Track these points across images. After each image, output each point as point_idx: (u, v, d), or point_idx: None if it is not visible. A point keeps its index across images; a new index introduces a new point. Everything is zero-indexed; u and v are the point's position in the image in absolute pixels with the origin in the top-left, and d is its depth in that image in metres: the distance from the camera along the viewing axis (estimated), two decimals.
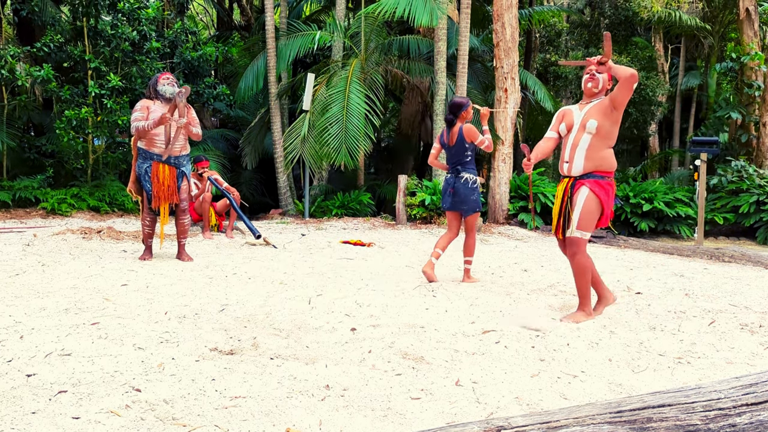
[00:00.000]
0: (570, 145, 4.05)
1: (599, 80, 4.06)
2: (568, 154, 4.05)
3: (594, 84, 4.06)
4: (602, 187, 3.96)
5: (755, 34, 13.50)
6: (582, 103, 4.15)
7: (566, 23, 19.67)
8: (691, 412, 1.62)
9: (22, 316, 3.74)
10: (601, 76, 4.06)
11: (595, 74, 4.06)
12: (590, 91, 4.09)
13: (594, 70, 4.07)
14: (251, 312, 4.06)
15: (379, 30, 12.97)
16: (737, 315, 4.26)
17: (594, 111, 3.99)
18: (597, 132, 3.94)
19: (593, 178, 3.97)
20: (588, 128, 3.95)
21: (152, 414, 2.30)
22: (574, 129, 4.05)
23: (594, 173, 3.98)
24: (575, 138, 4.02)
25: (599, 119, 3.94)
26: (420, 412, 2.42)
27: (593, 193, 3.94)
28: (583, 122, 3.99)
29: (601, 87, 4.07)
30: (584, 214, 3.95)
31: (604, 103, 3.99)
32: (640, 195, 11.74)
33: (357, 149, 11.22)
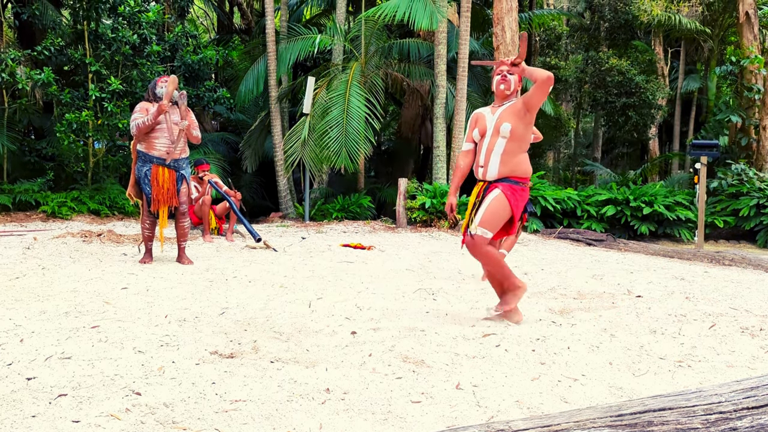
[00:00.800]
0: (485, 150, 3.94)
1: (511, 82, 3.95)
2: (483, 158, 3.94)
3: (506, 86, 3.95)
4: (515, 192, 3.87)
5: (755, 38, 13.52)
6: (494, 106, 4.04)
7: (566, 27, 19.69)
8: (692, 415, 1.62)
9: (22, 319, 3.74)
10: (513, 77, 3.95)
11: (507, 75, 3.94)
12: (502, 93, 3.98)
13: (506, 71, 3.95)
14: (251, 315, 4.05)
15: (379, 33, 12.99)
16: (738, 318, 4.26)
17: (507, 114, 3.90)
18: (511, 136, 3.84)
19: (508, 183, 3.88)
20: (502, 132, 3.85)
21: (152, 417, 2.29)
22: (488, 133, 3.94)
23: (509, 178, 3.89)
24: (490, 142, 3.91)
25: (513, 122, 3.85)
26: (420, 416, 2.42)
27: (504, 195, 3.84)
28: (496, 126, 3.89)
29: (513, 89, 3.96)
30: (490, 211, 3.83)
31: (517, 106, 3.90)
32: (640, 198, 11.74)
33: (357, 152, 11.23)
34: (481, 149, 3.97)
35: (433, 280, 5.84)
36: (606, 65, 15.75)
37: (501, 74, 3.95)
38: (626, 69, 15.62)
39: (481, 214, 3.84)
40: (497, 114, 3.94)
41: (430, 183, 11.98)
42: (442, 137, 11.97)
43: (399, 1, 11.12)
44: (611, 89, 15.78)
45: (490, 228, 3.83)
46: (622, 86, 15.68)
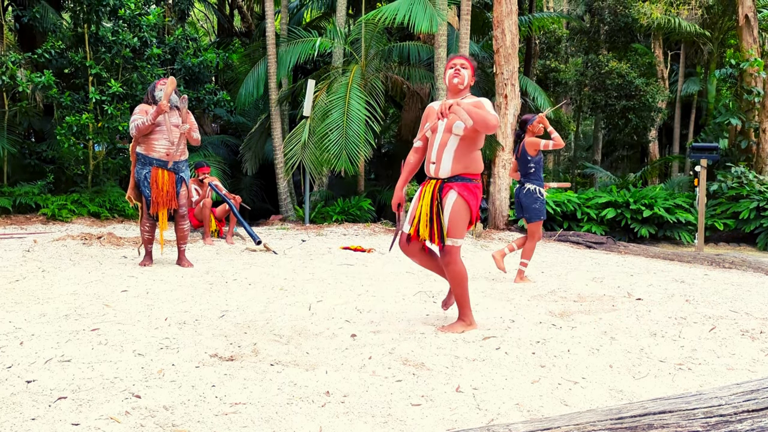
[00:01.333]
0: (437, 146, 3.81)
1: (465, 76, 3.85)
2: (435, 155, 3.81)
3: (460, 80, 3.84)
4: (471, 191, 3.77)
5: (754, 41, 13.53)
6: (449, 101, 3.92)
7: (566, 30, 19.72)
8: (692, 418, 1.62)
9: (22, 322, 3.74)
10: (466, 71, 3.86)
11: (461, 70, 3.84)
12: (455, 88, 3.87)
13: (458, 65, 3.86)
14: (251, 318, 4.05)
15: (379, 36, 13.01)
16: (738, 321, 4.26)
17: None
18: (465, 135, 3.74)
19: (462, 182, 3.76)
20: (455, 130, 3.74)
21: (152, 420, 2.29)
22: (440, 129, 3.83)
23: (462, 176, 3.77)
24: (442, 139, 3.79)
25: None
26: (420, 419, 2.42)
27: (462, 198, 3.73)
28: (449, 123, 3.77)
29: (466, 83, 3.87)
30: (454, 221, 3.71)
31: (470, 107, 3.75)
32: (640, 201, 11.75)
33: (357, 155, 11.24)
34: (432, 145, 3.85)
35: (433, 282, 5.84)
36: (606, 68, 15.77)
37: (454, 68, 3.86)
38: (626, 72, 15.64)
39: (446, 226, 3.71)
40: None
41: None
42: None
43: (399, 4, 11.13)
44: (611, 92, 15.79)
45: (459, 236, 3.73)
46: (621, 89, 15.69)
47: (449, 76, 3.87)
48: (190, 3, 14.01)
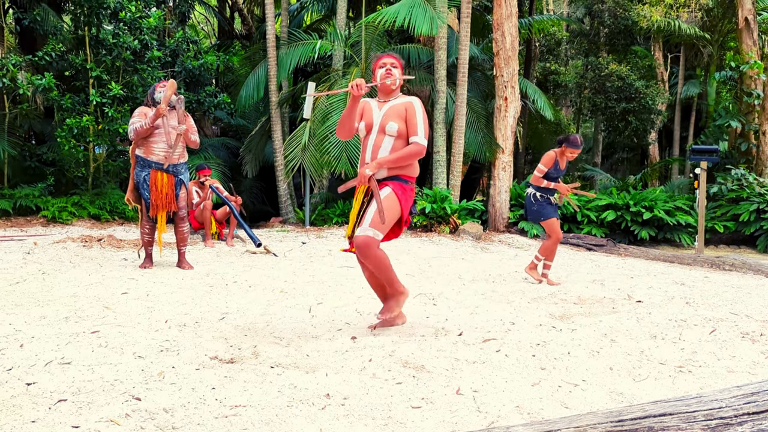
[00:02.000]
0: (371, 147, 3.75)
1: (396, 76, 3.79)
2: (370, 156, 3.74)
3: (393, 80, 3.77)
4: (405, 191, 3.72)
5: (754, 43, 13.54)
6: (379, 101, 3.86)
7: (566, 32, 19.74)
8: (692, 421, 1.62)
9: (22, 324, 3.73)
10: (397, 71, 3.81)
11: (392, 69, 3.78)
12: (387, 88, 3.81)
13: (389, 65, 3.79)
14: (251, 320, 4.05)
15: (379, 39, 13.02)
16: (738, 324, 4.25)
17: (393, 113, 3.73)
18: (398, 135, 3.68)
19: (397, 181, 3.73)
20: (388, 131, 3.68)
21: (152, 423, 2.29)
22: (374, 130, 3.76)
23: (399, 176, 3.73)
24: (376, 140, 3.73)
25: (399, 123, 3.70)
26: (421, 421, 2.42)
27: (395, 194, 3.68)
28: (382, 124, 3.72)
29: (398, 84, 3.81)
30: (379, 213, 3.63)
31: (400, 111, 3.73)
32: (640, 203, 11.74)
33: (357, 157, 11.24)
34: (366, 146, 3.78)
35: (434, 284, 5.84)
36: (606, 70, 15.78)
37: (384, 67, 3.79)
38: (626, 74, 15.65)
39: (371, 214, 3.63)
40: (383, 111, 3.78)
41: (430, 188, 12.00)
42: (442, 142, 11.99)
43: (399, 7, 11.15)
44: (611, 94, 15.80)
45: (382, 229, 3.64)
46: (621, 91, 15.70)
47: (380, 76, 3.80)
48: (191, 6, 14.02)
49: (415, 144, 3.66)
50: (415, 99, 3.74)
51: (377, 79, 3.83)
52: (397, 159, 3.64)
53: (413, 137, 3.68)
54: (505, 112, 12.27)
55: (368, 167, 3.64)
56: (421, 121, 3.69)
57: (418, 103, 3.72)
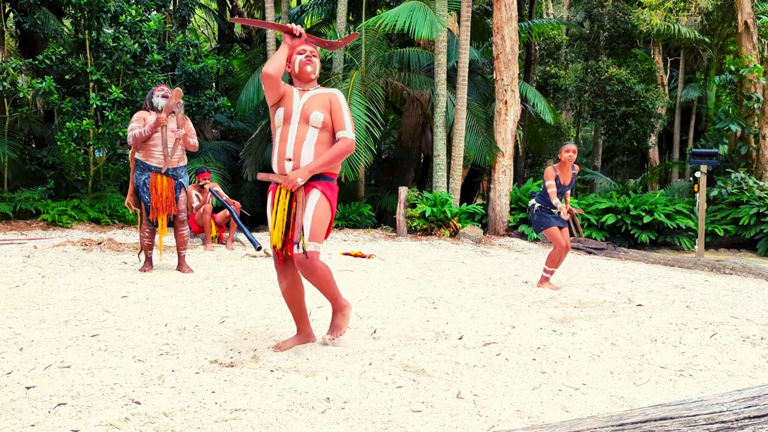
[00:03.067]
0: (293, 139, 3.33)
1: (317, 64, 3.50)
2: (292, 150, 3.32)
3: (313, 68, 3.47)
4: (333, 191, 3.40)
5: (754, 47, 13.56)
6: (300, 90, 3.47)
7: (566, 36, 19.78)
8: (693, 425, 1.61)
9: (21, 328, 3.73)
10: (317, 59, 3.51)
11: (312, 58, 3.48)
12: (308, 77, 3.48)
13: (309, 52, 3.48)
14: (251, 324, 4.05)
15: (379, 43, 13.05)
16: (739, 327, 4.25)
17: (317, 103, 3.37)
18: (323, 127, 3.33)
19: (325, 180, 3.36)
20: (312, 121, 3.31)
21: (152, 427, 2.28)
22: (295, 119, 3.36)
23: (325, 175, 3.37)
24: (299, 131, 3.33)
25: (324, 113, 3.34)
26: (421, 425, 2.41)
27: (326, 198, 3.34)
28: (304, 113, 3.34)
29: (317, 72, 3.52)
30: (316, 223, 3.30)
31: (323, 99, 3.39)
32: (640, 207, 11.74)
33: (357, 161, 11.26)
34: (286, 138, 3.35)
35: (434, 288, 5.83)
36: (605, 74, 15.80)
37: (305, 53, 3.47)
38: (626, 78, 15.67)
39: (308, 228, 3.29)
40: (304, 99, 3.40)
41: (430, 191, 12.00)
42: (442, 146, 12.00)
43: (399, 11, 11.17)
44: (611, 98, 15.82)
45: (320, 239, 3.33)
46: (621, 95, 15.72)
47: (300, 63, 3.46)
48: (191, 9, 14.04)
49: (344, 140, 3.32)
50: (338, 91, 3.46)
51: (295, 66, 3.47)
52: (329, 161, 3.30)
53: (341, 132, 3.34)
54: (505, 115, 12.28)
55: (299, 175, 3.25)
56: (347, 114, 3.40)
57: (342, 96, 3.45)
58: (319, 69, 3.53)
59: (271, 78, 3.30)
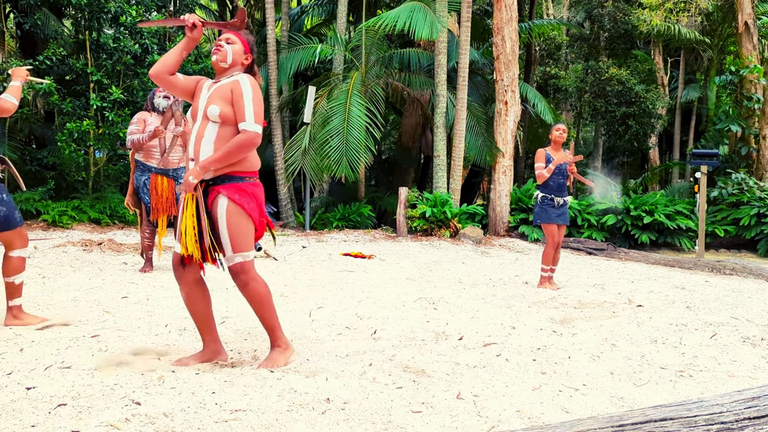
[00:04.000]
0: (194, 138, 3.07)
1: (227, 53, 3.14)
2: (193, 149, 3.06)
3: (219, 57, 3.14)
4: (243, 192, 3.04)
5: (754, 48, 13.56)
6: (212, 82, 3.19)
7: (566, 36, 19.77)
8: (693, 426, 1.61)
9: (21, 328, 3.73)
10: (231, 47, 3.14)
11: (223, 45, 3.14)
12: (219, 67, 3.16)
13: (223, 40, 3.18)
14: (251, 325, 4.05)
15: (379, 43, 13.05)
16: (739, 328, 4.25)
17: (218, 95, 3.05)
18: (224, 121, 3.01)
19: (231, 182, 3.03)
20: (210, 116, 3.01)
21: (152, 427, 2.28)
22: (199, 116, 3.10)
23: (231, 175, 3.04)
24: (200, 128, 3.06)
25: (222, 106, 3.01)
26: (421, 426, 2.41)
27: (234, 203, 3.00)
28: (205, 108, 3.06)
29: (231, 61, 3.15)
30: (234, 232, 3.00)
31: (225, 90, 3.06)
32: (640, 207, 11.75)
33: (358, 161, 11.26)
34: (192, 136, 3.10)
35: (434, 289, 5.84)
36: (606, 75, 15.81)
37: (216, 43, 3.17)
38: (626, 78, 15.67)
39: (227, 241, 3.01)
40: (211, 91, 3.11)
41: (430, 192, 12.00)
42: (442, 146, 12.00)
43: (399, 11, 11.18)
44: (611, 99, 15.82)
45: (247, 247, 3.04)
46: (621, 96, 15.72)
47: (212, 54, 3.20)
48: (191, 10, 14.05)
49: (243, 132, 2.97)
50: (243, 77, 3.09)
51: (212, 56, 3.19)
52: (223, 157, 2.95)
53: (241, 124, 2.99)
54: (505, 116, 12.29)
55: (191, 174, 2.96)
56: (249, 102, 3.01)
57: (247, 82, 3.05)
58: (233, 56, 3.14)
59: (156, 77, 3.10)
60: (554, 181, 6.14)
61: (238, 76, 3.09)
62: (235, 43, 3.17)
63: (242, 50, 3.19)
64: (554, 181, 6.14)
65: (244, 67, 3.20)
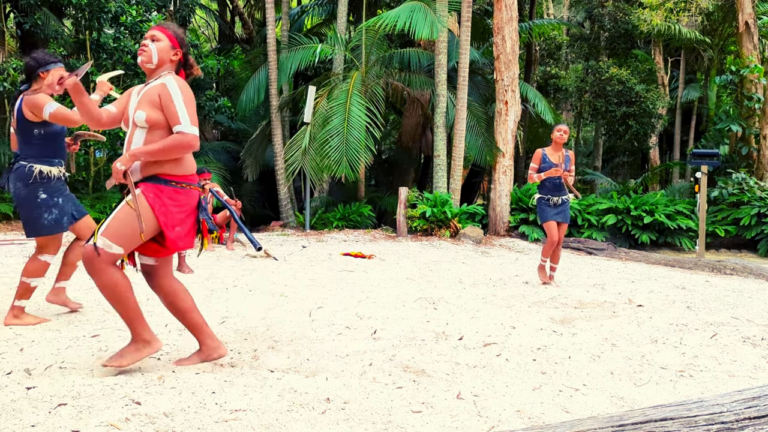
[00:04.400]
0: (126, 143, 2.99)
1: (152, 52, 2.99)
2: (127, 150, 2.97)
3: (145, 58, 2.99)
4: (160, 194, 2.90)
5: (754, 47, 13.56)
6: (142, 86, 3.06)
7: (566, 36, 19.77)
8: (693, 426, 1.61)
9: (22, 328, 3.73)
10: (156, 44, 2.99)
11: (148, 44, 2.99)
12: (145, 68, 3.03)
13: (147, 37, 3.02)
14: (252, 324, 4.05)
15: (380, 43, 13.05)
16: (739, 328, 4.25)
17: (145, 99, 2.93)
18: (152, 126, 2.89)
19: (154, 183, 2.91)
20: (137, 121, 2.91)
21: (152, 427, 2.28)
22: (130, 121, 3.01)
23: (158, 176, 2.91)
24: (130, 134, 2.97)
25: (149, 111, 2.89)
26: (421, 426, 2.41)
27: (144, 197, 2.87)
28: (133, 114, 2.96)
29: (158, 60, 3.00)
30: (119, 217, 2.86)
31: (152, 94, 2.92)
32: (641, 207, 11.74)
33: (358, 161, 11.25)
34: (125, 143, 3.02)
35: (434, 289, 5.83)
36: (606, 74, 15.80)
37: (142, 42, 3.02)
38: (626, 78, 15.67)
39: (108, 221, 2.87)
40: (140, 96, 2.98)
41: (430, 192, 12.00)
42: (442, 146, 12.00)
43: (400, 11, 11.17)
44: (611, 98, 15.82)
45: (118, 240, 2.83)
46: (622, 95, 15.72)
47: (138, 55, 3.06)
48: (192, 10, 14.05)
49: (179, 134, 2.85)
50: (168, 79, 2.93)
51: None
52: (157, 151, 2.84)
53: (176, 126, 2.86)
54: (505, 116, 12.28)
55: (120, 160, 2.85)
56: (181, 104, 2.88)
57: (174, 84, 2.91)
58: (159, 54, 2.99)
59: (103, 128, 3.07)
60: (550, 182, 6.22)
61: (165, 78, 2.95)
62: (160, 40, 3.01)
63: (169, 46, 3.03)
64: (550, 182, 6.22)
65: (174, 64, 3.06)
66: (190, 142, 2.87)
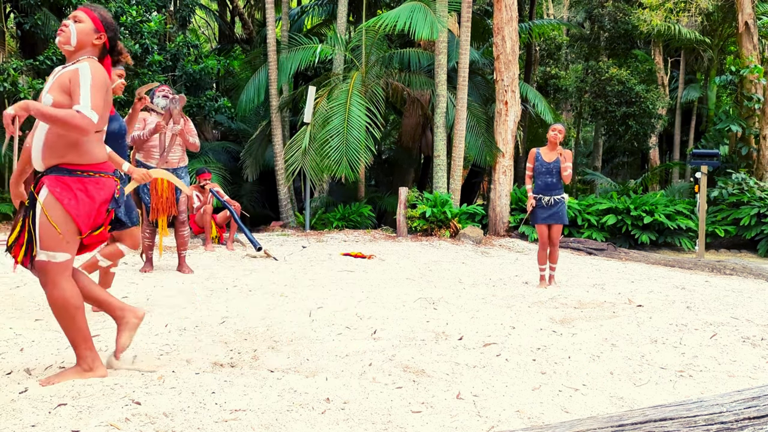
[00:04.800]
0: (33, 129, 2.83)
1: (71, 34, 2.80)
2: (31, 139, 2.81)
3: (63, 39, 2.82)
4: (67, 188, 2.71)
5: (754, 48, 13.56)
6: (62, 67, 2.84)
7: (566, 36, 19.78)
8: (693, 426, 1.61)
9: (22, 328, 3.73)
10: (77, 26, 2.81)
11: (68, 25, 2.81)
12: (64, 50, 2.84)
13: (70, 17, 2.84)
14: (252, 324, 4.05)
15: (379, 43, 13.05)
16: (739, 328, 4.25)
17: (57, 83, 2.74)
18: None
19: (58, 174, 2.72)
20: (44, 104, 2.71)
21: (152, 427, 2.28)
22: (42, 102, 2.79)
23: (61, 167, 2.73)
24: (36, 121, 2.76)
25: (57, 95, 2.72)
26: (421, 426, 2.41)
27: (53, 197, 2.68)
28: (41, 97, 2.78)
29: (76, 42, 2.81)
30: (43, 228, 2.68)
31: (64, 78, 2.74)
32: (640, 207, 11.74)
33: (358, 162, 11.25)
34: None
35: (434, 289, 5.83)
36: (606, 75, 15.80)
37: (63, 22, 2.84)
38: (626, 78, 15.67)
39: (37, 236, 2.69)
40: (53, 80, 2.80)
41: (430, 192, 12.00)
42: (442, 146, 12.00)
43: (400, 11, 11.18)
44: (611, 99, 15.82)
45: (56, 246, 2.68)
46: (622, 96, 15.72)
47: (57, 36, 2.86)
48: (192, 10, 14.05)
49: (76, 112, 2.61)
50: (83, 64, 2.73)
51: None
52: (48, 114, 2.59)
53: (75, 106, 2.64)
54: (505, 116, 12.28)
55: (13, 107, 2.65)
56: (87, 88, 2.67)
57: (87, 69, 2.71)
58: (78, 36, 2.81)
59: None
60: (542, 181, 6.17)
61: (81, 63, 2.75)
62: (82, 21, 2.82)
63: (91, 29, 2.83)
64: (542, 181, 6.17)
65: (96, 48, 2.86)
66: (81, 124, 2.61)
